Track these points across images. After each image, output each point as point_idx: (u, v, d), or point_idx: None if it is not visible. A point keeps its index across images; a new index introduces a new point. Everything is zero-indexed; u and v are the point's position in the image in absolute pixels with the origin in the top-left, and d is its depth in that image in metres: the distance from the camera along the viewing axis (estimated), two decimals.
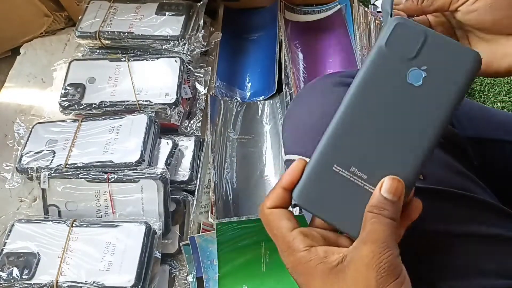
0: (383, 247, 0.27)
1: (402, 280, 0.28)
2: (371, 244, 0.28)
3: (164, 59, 0.78)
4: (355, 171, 0.30)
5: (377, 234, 0.28)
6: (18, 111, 0.87)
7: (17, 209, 0.74)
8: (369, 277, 0.27)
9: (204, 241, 0.66)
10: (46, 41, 0.97)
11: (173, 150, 0.72)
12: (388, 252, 0.27)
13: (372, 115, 0.29)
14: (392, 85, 0.29)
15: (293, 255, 0.30)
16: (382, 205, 0.29)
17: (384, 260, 0.27)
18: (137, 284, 0.59)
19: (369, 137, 0.29)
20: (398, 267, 0.28)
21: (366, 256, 0.27)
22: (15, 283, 0.60)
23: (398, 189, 0.29)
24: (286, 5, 0.96)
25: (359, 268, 0.28)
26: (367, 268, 0.27)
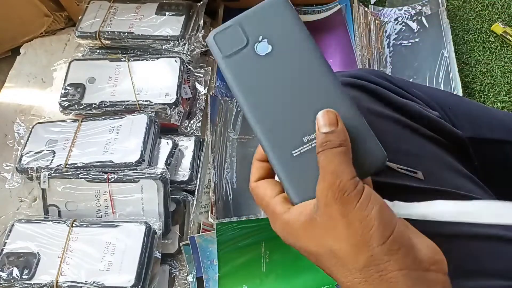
0: (333, 178, 0.26)
1: (365, 200, 0.26)
2: (322, 181, 0.27)
3: (164, 59, 0.78)
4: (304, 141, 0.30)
5: (326, 168, 0.27)
6: (18, 111, 0.87)
7: (17, 209, 0.74)
8: (332, 213, 0.26)
9: (204, 241, 0.66)
10: (46, 41, 0.97)
11: (173, 150, 0.72)
12: (339, 180, 0.26)
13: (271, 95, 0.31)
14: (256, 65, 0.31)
15: (278, 220, 0.30)
16: (323, 140, 0.28)
17: (338, 189, 0.26)
18: (137, 284, 0.59)
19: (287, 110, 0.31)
20: (354, 189, 0.26)
21: (322, 194, 0.27)
22: (15, 283, 0.60)
23: (330, 118, 0.29)
24: None
25: (322, 209, 0.27)
26: (326, 205, 0.26)
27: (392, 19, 0.94)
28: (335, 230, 0.26)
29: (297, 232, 0.28)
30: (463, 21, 0.94)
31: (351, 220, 0.26)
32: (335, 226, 0.26)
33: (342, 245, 0.26)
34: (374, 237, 0.26)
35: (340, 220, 0.26)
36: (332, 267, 0.27)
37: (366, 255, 0.26)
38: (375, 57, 0.89)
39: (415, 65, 0.87)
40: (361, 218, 0.26)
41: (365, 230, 0.26)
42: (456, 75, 0.82)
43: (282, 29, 0.32)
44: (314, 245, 0.28)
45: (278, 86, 0.31)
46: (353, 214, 0.26)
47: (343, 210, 0.26)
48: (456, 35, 0.92)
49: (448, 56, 0.85)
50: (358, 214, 0.26)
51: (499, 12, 0.93)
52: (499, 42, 0.90)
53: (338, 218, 0.26)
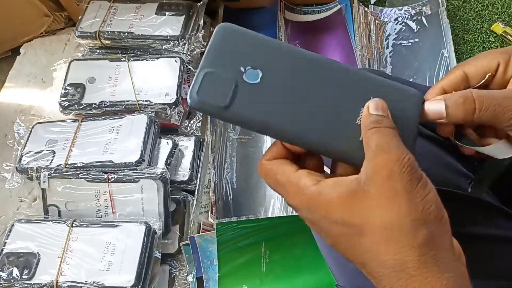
0: (399, 153, 0.26)
1: (425, 181, 0.26)
2: (384, 154, 0.26)
3: (164, 59, 0.78)
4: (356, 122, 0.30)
5: (386, 143, 0.27)
6: (18, 111, 0.87)
7: (17, 209, 0.74)
8: (394, 187, 0.26)
9: (204, 241, 0.66)
10: (46, 41, 0.97)
11: (173, 150, 0.72)
12: (407, 156, 0.26)
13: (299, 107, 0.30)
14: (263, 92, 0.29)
15: (303, 193, 0.28)
16: (377, 119, 0.28)
17: (405, 164, 0.26)
18: (137, 284, 0.59)
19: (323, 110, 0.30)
20: (418, 170, 0.26)
21: (384, 168, 0.26)
22: (15, 283, 0.60)
23: (384, 105, 0.29)
24: (286, 5, 0.96)
25: (380, 181, 0.26)
26: (388, 178, 0.26)
27: (392, 19, 0.94)
28: (394, 203, 0.26)
29: (331, 203, 0.27)
30: (463, 21, 0.94)
31: (413, 196, 0.26)
32: (396, 200, 0.26)
33: (402, 219, 0.26)
34: (432, 214, 0.26)
35: (402, 195, 0.26)
36: (377, 244, 0.26)
37: (424, 231, 0.25)
38: (375, 57, 0.89)
39: (415, 65, 0.87)
40: (422, 195, 0.26)
41: (425, 207, 0.26)
42: None
43: (254, 50, 0.30)
44: (360, 217, 0.26)
45: (299, 96, 0.30)
46: (416, 190, 0.26)
47: (408, 185, 0.26)
48: (456, 35, 0.92)
49: (448, 56, 0.85)
50: (420, 192, 0.26)
51: (499, 12, 0.93)
52: (499, 42, 0.90)
53: (401, 192, 0.26)
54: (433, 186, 0.27)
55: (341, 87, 0.30)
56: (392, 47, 0.91)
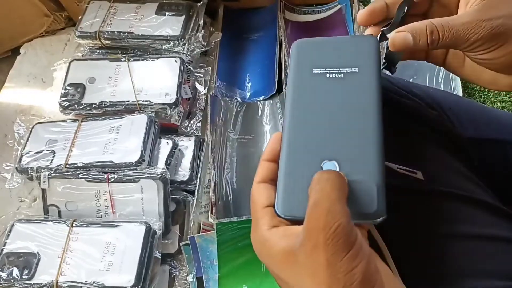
0: (329, 219, 0.24)
1: (356, 251, 0.24)
2: (314, 219, 0.25)
3: (164, 59, 0.78)
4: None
5: (321, 204, 0.25)
6: (18, 111, 0.87)
7: (17, 209, 0.74)
8: (318, 259, 0.24)
9: (204, 241, 0.66)
10: (46, 41, 0.97)
11: (173, 150, 0.72)
12: (336, 223, 0.24)
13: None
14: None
15: (258, 232, 0.29)
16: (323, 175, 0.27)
17: (332, 234, 0.24)
18: (137, 284, 0.59)
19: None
20: (350, 237, 0.24)
21: (311, 236, 0.25)
22: (15, 283, 0.60)
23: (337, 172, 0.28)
24: (286, 5, 0.96)
25: (307, 251, 0.25)
26: (313, 249, 0.25)
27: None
28: (316, 275, 0.25)
29: (274, 255, 0.27)
30: None
31: (336, 270, 0.24)
32: (317, 271, 0.25)
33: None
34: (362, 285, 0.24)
35: (325, 267, 0.24)
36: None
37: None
38: None
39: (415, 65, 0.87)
40: (346, 270, 0.24)
41: (346, 284, 0.24)
42: None
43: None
44: (289, 278, 0.27)
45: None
46: (339, 264, 0.24)
47: (331, 259, 0.24)
48: None
49: None
50: (345, 266, 0.24)
51: None
52: None
53: (323, 264, 0.24)
54: (367, 254, 0.25)
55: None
56: None
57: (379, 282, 0.26)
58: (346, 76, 0.32)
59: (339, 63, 0.33)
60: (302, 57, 0.34)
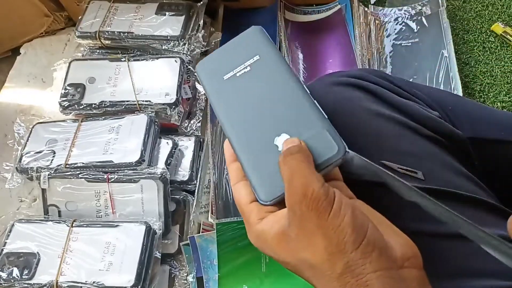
0: (304, 189, 0.26)
1: (338, 207, 0.26)
2: (293, 194, 0.26)
3: (164, 59, 0.78)
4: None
5: (293, 178, 0.27)
6: (18, 111, 0.87)
7: (17, 209, 0.74)
8: (307, 227, 0.26)
9: (204, 241, 0.66)
10: (46, 41, 0.97)
11: (173, 150, 0.72)
12: (311, 189, 0.26)
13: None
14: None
15: (251, 230, 0.30)
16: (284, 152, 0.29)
17: (311, 201, 0.26)
18: (137, 284, 0.59)
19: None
20: (327, 197, 0.26)
21: (296, 211, 0.26)
22: (15, 283, 0.60)
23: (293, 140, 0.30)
24: (286, 5, 0.96)
25: (296, 225, 0.27)
26: (301, 220, 0.26)
27: (392, 19, 0.94)
28: (310, 243, 0.26)
29: (271, 243, 0.28)
30: (463, 21, 0.94)
31: (326, 230, 0.26)
32: (311, 239, 0.26)
33: (318, 257, 0.26)
34: (348, 243, 0.26)
35: (316, 232, 0.26)
36: (310, 278, 0.28)
37: (342, 262, 0.25)
38: (375, 57, 0.89)
39: (415, 65, 0.87)
40: (335, 226, 0.26)
41: (339, 238, 0.26)
42: (456, 75, 0.82)
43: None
44: (290, 258, 0.28)
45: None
46: (327, 224, 0.26)
47: (318, 221, 0.26)
48: (456, 35, 0.92)
49: (448, 56, 0.85)
50: (332, 223, 0.26)
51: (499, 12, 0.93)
52: (499, 42, 0.90)
53: (314, 230, 0.26)
54: (350, 205, 0.27)
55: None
56: (392, 47, 0.91)
57: (372, 226, 0.27)
58: (252, 66, 0.35)
59: (241, 60, 0.36)
60: (209, 74, 0.37)
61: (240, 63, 0.36)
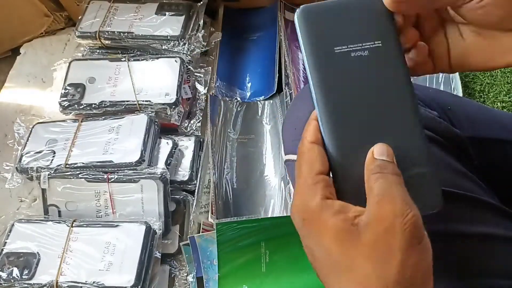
0: (404, 206, 0.24)
1: (425, 244, 0.25)
2: (388, 205, 0.25)
3: (164, 59, 0.78)
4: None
5: (389, 192, 0.25)
6: (18, 111, 0.87)
7: (17, 209, 0.74)
8: (390, 242, 0.24)
9: (204, 241, 0.66)
10: (46, 41, 0.96)
11: (173, 150, 0.72)
12: (411, 212, 0.24)
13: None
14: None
15: (306, 199, 0.27)
16: (381, 164, 0.27)
17: (408, 221, 0.24)
18: (137, 284, 0.59)
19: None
20: (421, 230, 0.25)
21: (385, 219, 0.24)
22: (15, 283, 0.60)
23: (389, 151, 0.28)
24: (286, 5, 0.96)
25: (378, 232, 0.25)
26: (387, 232, 0.24)
27: None
28: (385, 261, 0.24)
29: (326, 227, 0.26)
30: None
31: (408, 257, 0.24)
32: (387, 257, 0.24)
33: (386, 278, 0.24)
34: (417, 283, 0.24)
35: (397, 254, 0.24)
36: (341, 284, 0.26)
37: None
38: None
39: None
40: (417, 260, 0.24)
41: (414, 274, 0.24)
42: (456, 75, 0.82)
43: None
44: (347, 256, 0.26)
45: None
46: (411, 252, 0.24)
47: (404, 245, 0.24)
48: None
49: None
50: (416, 255, 0.24)
51: None
52: None
53: (396, 250, 0.24)
54: (431, 250, 0.25)
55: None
56: None
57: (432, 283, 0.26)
58: (370, 51, 0.30)
59: (360, 38, 0.30)
60: (317, 32, 0.30)
61: (358, 41, 0.30)
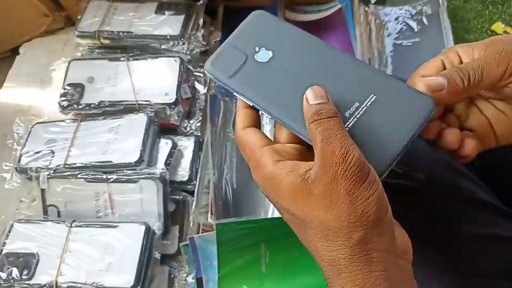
0: (343, 151, 0.26)
1: (371, 180, 0.26)
2: (329, 153, 0.26)
3: (164, 59, 0.78)
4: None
5: (329, 140, 0.26)
6: (18, 111, 0.87)
7: (16, 209, 0.74)
8: (337, 189, 0.26)
9: (204, 242, 0.66)
10: (46, 41, 0.96)
11: (172, 150, 0.72)
12: (351, 153, 0.26)
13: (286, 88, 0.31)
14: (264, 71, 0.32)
15: (262, 170, 0.29)
16: (317, 109, 0.28)
17: (350, 165, 0.25)
18: (136, 285, 0.59)
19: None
20: (365, 167, 0.26)
21: (328, 170, 0.26)
22: (15, 284, 0.60)
23: (322, 92, 0.29)
24: (286, 4, 0.96)
25: (324, 184, 0.26)
26: (332, 181, 0.26)
27: (392, 19, 0.94)
28: (335, 206, 0.26)
29: (282, 190, 0.28)
30: (463, 20, 0.94)
31: (355, 198, 0.26)
32: (336, 202, 0.26)
33: (338, 221, 0.26)
34: (371, 217, 0.26)
35: (344, 197, 0.26)
36: (316, 238, 0.27)
37: (359, 233, 0.26)
38: (376, 56, 0.89)
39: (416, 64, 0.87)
40: (364, 198, 0.26)
41: (365, 210, 0.26)
42: None
43: (275, 34, 0.33)
44: (303, 211, 0.27)
45: (292, 79, 0.31)
46: (358, 192, 0.26)
47: (350, 187, 0.26)
48: (457, 34, 0.92)
49: None
50: (362, 194, 0.26)
51: (500, 12, 0.93)
52: None
53: (343, 194, 0.26)
54: (379, 182, 0.27)
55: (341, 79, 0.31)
56: (393, 46, 0.91)
57: (389, 213, 0.27)
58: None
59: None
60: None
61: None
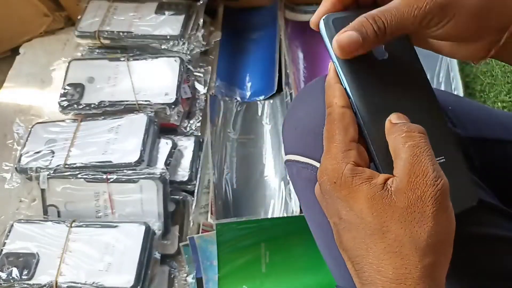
0: (435, 176, 0.26)
1: (451, 212, 0.26)
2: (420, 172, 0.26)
3: (164, 59, 0.78)
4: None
5: (417, 155, 0.26)
6: (18, 111, 0.87)
7: (16, 209, 0.74)
8: (423, 209, 0.25)
9: (204, 242, 0.66)
10: (46, 41, 0.96)
11: (172, 150, 0.72)
12: (441, 181, 0.26)
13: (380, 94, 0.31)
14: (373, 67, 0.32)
15: (339, 164, 0.28)
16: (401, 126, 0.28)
17: (439, 191, 0.25)
18: (136, 284, 0.59)
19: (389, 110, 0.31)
20: (448, 198, 0.26)
21: (418, 187, 0.26)
22: (15, 283, 0.60)
23: (405, 117, 0.29)
24: (286, 4, 0.96)
25: (410, 197, 0.26)
26: (419, 198, 0.26)
27: None
28: (417, 224, 0.26)
29: (358, 191, 0.27)
30: None
31: (438, 224, 0.26)
32: (420, 222, 0.26)
33: (418, 241, 0.26)
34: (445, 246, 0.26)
35: (429, 219, 0.25)
36: (382, 249, 0.26)
37: (432, 258, 0.26)
38: None
39: None
40: (446, 226, 0.26)
41: (442, 238, 0.26)
42: (457, 75, 0.81)
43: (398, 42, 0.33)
44: (377, 219, 0.26)
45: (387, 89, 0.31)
46: (442, 219, 0.26)
47: (436, 212, 0.26)
48: None
49: None
50: (445, 222, 0.26)
51: None
52: None
53: (429, 216, 0.26)
54: (454, 219, 0.27)
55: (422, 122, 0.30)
56: None
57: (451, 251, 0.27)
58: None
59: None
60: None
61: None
